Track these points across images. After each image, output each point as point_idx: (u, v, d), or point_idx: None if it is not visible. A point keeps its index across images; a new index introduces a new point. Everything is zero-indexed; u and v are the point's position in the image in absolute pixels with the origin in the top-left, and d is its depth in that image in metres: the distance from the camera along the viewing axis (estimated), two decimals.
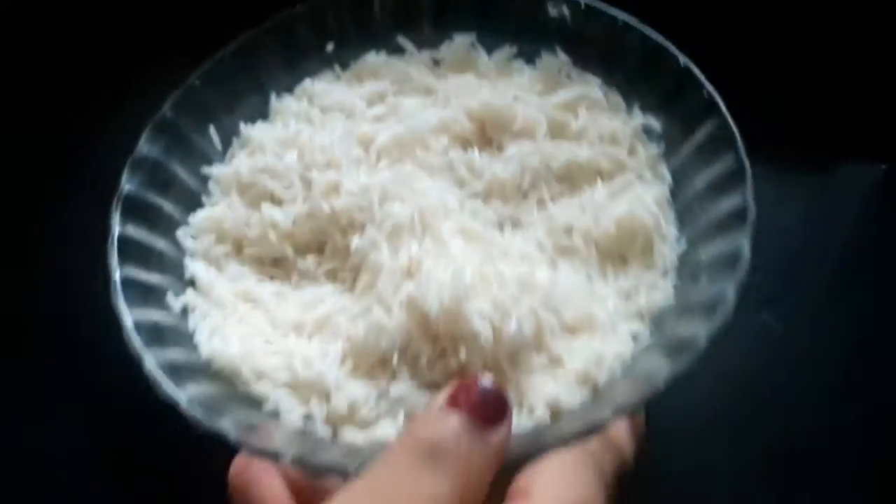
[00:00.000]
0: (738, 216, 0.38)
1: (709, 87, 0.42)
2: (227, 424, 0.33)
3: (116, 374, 0.47)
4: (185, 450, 0.44)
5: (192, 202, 0.44)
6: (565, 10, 0.47)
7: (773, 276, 0.47)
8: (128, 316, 0.36)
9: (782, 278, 0.47)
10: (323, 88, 0.47)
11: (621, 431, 0.35)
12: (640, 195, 0.43)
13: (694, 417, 0.48)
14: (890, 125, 0.51)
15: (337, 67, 0.49)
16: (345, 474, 0.32)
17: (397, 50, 0.49)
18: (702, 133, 0.42)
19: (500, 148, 0.45)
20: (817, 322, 0.46)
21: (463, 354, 0.36)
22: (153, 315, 0.38)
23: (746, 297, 0.39)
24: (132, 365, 0.35)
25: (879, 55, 0.52)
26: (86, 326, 0.48)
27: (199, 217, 0.43)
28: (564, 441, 0.33)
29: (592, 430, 0.33)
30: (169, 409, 0.34)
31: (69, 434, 0.47)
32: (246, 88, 0.47)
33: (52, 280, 0.50)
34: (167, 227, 0.42)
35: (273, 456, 0.33)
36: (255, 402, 0.37)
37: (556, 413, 0.36)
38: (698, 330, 0.35)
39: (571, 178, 0.44)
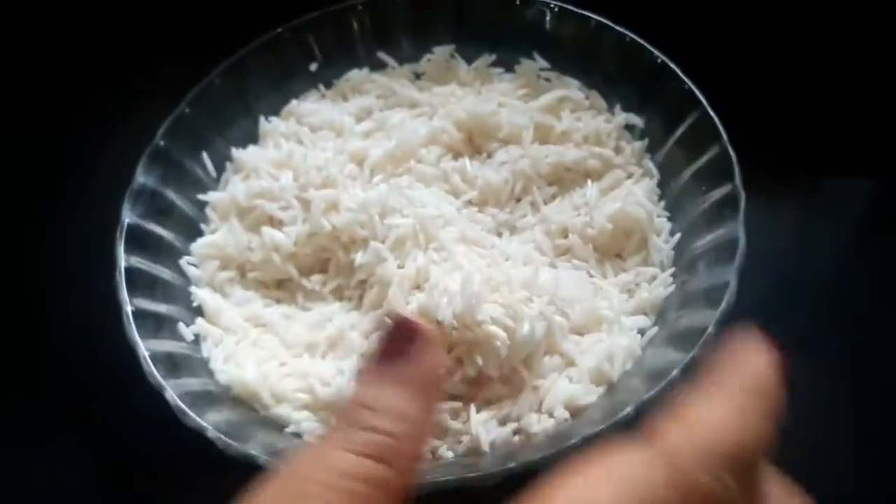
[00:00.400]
0: (728, 204, 0.39)
1: (687, 80, 0.43)
2: (256, 448, 0.33)
3: (117, 377, 0.46)
4: (187, 453, 0.44)
5: (191, 230, 0.44)
6: (539, 15, 0.47)
7: (768, 298, 0.47)
8: (144, 349, 0.36)
9: (777, 299, 0.47)
10: (309, 108, 0.47)
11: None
12: (630, 191, 0.43)
13: None
14: (879, 140, 0.51)
15: (321, 87, 0.49)
16: None
17: (379, 66, 0.49)
18: (685, 126, 0.43)
19: (489, 155, 0.46)
20: (813, 340, 0.46)
21: (479, 361, 0.36)
22: (166, 346, 0.38)
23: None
24: (131, 368, 0.35)
25: (869, 70, 0.52)
26: (85, 328, 0.47)
27: (200, 244, 0.43)
28: (588, 440, 0.33)
29: (614, 426, 0.33)
30: (167, 412, 0.34)
31: (68, 436, 0.45)
32: (235, 111, 0.47)
33: (53, 282, 0.49)
34: (169, 255, 0.42)
35: None
36: (275, 425, 0.37)
37: (575, 412, 0.37)
38: (703, 317, 0.36)
39: (561, 180, 0.45)
